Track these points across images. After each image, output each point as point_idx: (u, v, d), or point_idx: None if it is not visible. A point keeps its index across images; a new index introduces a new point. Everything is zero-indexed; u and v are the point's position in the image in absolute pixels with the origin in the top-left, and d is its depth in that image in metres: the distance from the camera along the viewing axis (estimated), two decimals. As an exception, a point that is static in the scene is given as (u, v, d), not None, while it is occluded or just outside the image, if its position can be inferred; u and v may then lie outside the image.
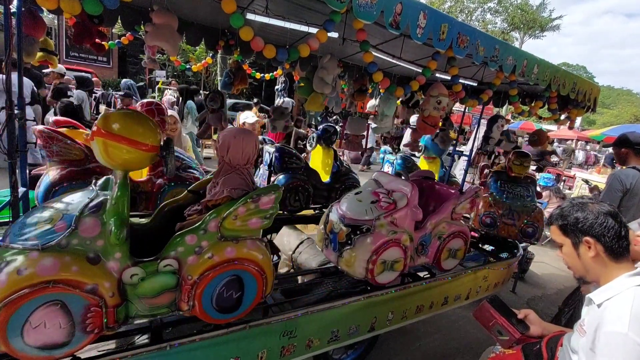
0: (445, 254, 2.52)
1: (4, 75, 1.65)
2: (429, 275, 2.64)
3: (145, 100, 2.81)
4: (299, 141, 6.29)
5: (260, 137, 3.40)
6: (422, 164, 4.22)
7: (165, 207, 1.92)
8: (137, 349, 1.53)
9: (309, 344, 2.03)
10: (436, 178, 4.03)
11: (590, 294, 1.18)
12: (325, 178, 3.56)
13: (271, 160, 3.22)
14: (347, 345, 2.32)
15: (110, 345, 1.78)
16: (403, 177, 2.78)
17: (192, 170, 2.77)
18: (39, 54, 2.16)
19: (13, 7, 1.72)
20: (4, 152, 1.68)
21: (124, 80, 5.25)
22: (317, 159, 3.79)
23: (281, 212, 3.17)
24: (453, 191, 2.73)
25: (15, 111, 1.77)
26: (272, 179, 3.26)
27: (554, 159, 11.28)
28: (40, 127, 2.28)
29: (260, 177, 3.43)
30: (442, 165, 4.20)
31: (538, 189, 6.54)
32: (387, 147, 10.77)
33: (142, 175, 2.70)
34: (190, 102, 6.69)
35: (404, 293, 2.40)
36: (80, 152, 2.35)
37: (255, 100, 9.18)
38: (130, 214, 2.94)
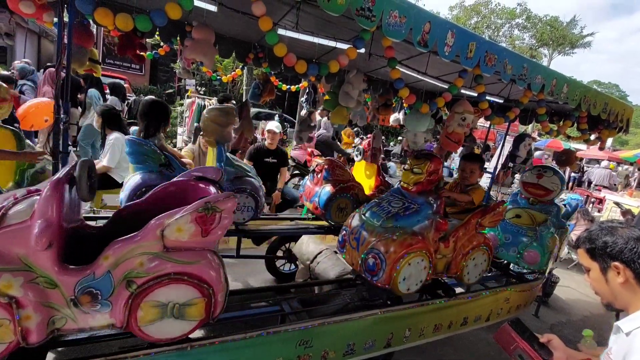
0: (150, 312, 1.41)
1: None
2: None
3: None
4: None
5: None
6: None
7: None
8: (158, 347, 1.59)
9: (325, 356, 2.02)
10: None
11: (618, 321, 1.14)
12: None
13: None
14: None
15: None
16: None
17: None
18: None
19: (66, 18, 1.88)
20: (50, 153, 1.81)
21: (20, 65, 4.22)
22: None
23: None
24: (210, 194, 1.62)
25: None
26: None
27: None
28: (330, 158, 3.28)
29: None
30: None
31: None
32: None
33: (370, 190, 3.54)
34: (92, 91, 5.62)
35: (422, 310, 2.36)
36: (348, 175, 3.23)
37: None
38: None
